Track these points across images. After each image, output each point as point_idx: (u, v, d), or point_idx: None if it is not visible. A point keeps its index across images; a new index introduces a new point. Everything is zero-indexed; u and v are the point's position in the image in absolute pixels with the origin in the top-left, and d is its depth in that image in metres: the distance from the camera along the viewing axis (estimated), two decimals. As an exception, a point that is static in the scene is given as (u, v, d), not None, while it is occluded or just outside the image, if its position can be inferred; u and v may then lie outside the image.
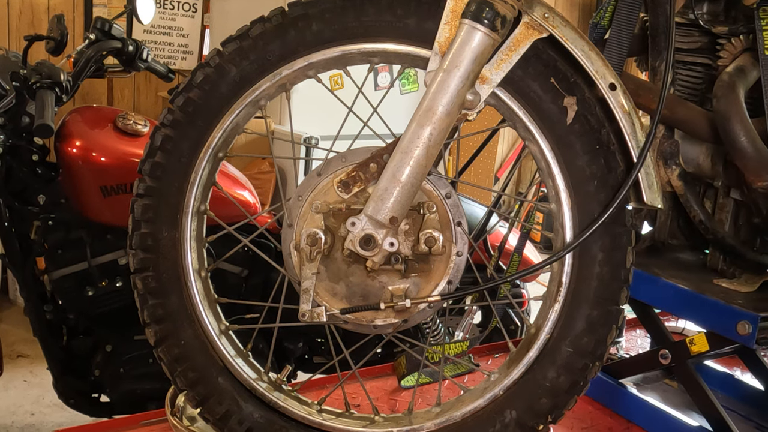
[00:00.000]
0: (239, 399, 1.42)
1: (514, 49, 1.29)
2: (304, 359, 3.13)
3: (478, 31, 1.23)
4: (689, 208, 1.76)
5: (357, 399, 1.75)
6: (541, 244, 6.48)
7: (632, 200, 1.36)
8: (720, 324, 1.61)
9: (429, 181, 1.36)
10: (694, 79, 1.79)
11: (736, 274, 1.76)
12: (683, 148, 1.77)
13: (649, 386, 2.03)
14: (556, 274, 1.39)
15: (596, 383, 1.60)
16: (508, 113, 1.36)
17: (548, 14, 1.28)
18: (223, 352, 1.41)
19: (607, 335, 1.38)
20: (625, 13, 1.64)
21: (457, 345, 1.98)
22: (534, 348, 1.39)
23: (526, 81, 1.33)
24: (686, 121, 1.70)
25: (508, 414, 1.40)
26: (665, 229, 1.88)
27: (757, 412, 1.95)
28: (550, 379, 1.39)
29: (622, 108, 1.31)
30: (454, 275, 1.38)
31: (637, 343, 2.42)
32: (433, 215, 1.36)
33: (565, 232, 1.36)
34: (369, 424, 1.45)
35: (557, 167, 1.35)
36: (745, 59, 1.65)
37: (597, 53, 1.30)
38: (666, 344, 1.84)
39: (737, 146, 1.55)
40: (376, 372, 1.98)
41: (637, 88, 1.67)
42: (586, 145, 1.34)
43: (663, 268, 1.79)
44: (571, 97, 1.33)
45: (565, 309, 1.38)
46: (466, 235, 1.38)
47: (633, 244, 1.37)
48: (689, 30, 1.75)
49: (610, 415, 1.87)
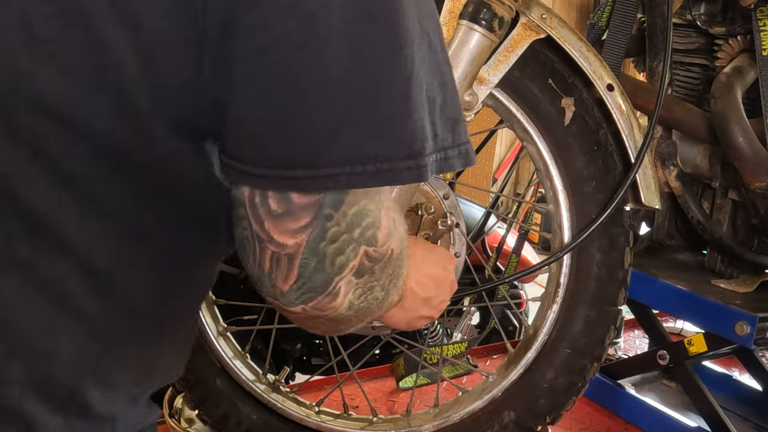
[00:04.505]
0: (237, 400, 1.42)
1: (512, 50, 1.29)
2: (303, 360, 3.12)
3: (476, 32, 1.23)
4: (687, 208, 1.76)
5: (355, 400, 1.75)
6: (539, 245, 6.48)
7: (630, 201, 1.37)
8: (718, 325, 1.61)
9: (427, 182, 1.36)
10: (691, 79, 1.79)
11: (734, 275, 1.76)
12: (681, 149, 1.77)
13: (648, 387, 2.03)
14: (554, 275, 1.39)
15: (594, 384, 1.59)
16: (506, 114, 1.36)
17: (546, 15, 1.28)
18: (222, 354, 1.41)
19: (605, 336, 1.38)
20: (623, 13, 1.64)
21: (456, 346, 1.97)
22: (532, 349, 1.39)
23: (523, 82, 1.33)
24: (684, 121, 1.69)
25: (507, 415, 1.40)
26: (663, 229, 1.88)
27: (755, 412, 1.95)
28: (548, 380, 1.39)
29: (620, 109, 1.31)
30: (452, 276, 1.38)
31: (635, 344, 2.42)
32: (431, 216, 1.36)
33: (563, 233, 1.36)
34: (367, 425, 1.45)
35: (555, 168, 1.35)
36: (743, 60, 1.65)
37: (595, 54, 1.30)
38: (664, 345, 1.83)
39: (735, 147, 1.55)
40: (374, 373, 1.98)
41: (635, 88, 1.67)
42: (584, 146, 1.34)
43: (661, 268, 1.79)
44: (569, 98, 1.33)
45: (563, 310, 1.38)
46: (464, 237, 1.38)
47: (631, 245, 1.38)
48: (687, 31, 1.75)
49: (608, 415, 1.87)
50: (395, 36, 0.64)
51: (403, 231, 0.77)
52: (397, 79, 0.65)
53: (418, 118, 0.66)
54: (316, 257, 0.67)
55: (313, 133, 0.64)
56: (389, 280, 0.76)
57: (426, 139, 0.67)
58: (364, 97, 0.64)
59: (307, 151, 0.64)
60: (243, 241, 0.70)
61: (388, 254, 0.73)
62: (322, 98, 0.63)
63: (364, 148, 0.64)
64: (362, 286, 0.73)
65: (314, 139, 0.64)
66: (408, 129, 0.66)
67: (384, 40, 0.64)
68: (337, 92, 0.63)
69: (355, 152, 0.64)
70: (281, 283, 0.69)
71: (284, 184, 0.65)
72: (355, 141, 0.64)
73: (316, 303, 0.70)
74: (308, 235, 0.67)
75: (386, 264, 0.73)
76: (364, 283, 0.72)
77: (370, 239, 0.70)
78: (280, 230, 0.67)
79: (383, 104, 0.65)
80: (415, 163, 0.66)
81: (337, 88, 0.63)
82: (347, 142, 0.64)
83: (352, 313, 0.74)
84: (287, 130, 0.64)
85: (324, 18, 0.62)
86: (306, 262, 0.67)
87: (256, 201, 0.66)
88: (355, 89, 0.64)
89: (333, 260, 0.68)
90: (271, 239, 0.67)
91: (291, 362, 3.03)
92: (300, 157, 0.64)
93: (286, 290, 0.69)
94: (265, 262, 0.69)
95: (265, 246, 0.68)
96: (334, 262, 0.68)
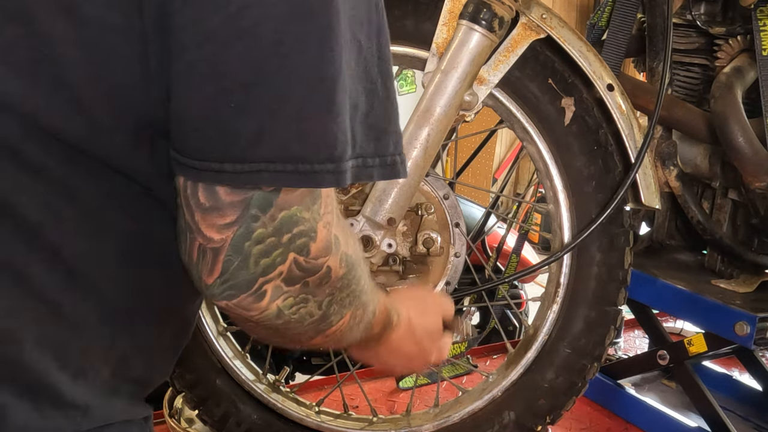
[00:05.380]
0: (237, 401, 1.41)
1: (512, 50, 1.29)
2: (303, 360, 3.12)
3: (476, 32, 1.23)
4: (687, 208, 1.76)
5: (355, 400, 1.75)
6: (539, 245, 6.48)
7: (630, 201, 1.37)
8: (718, 325, 1.61)
9: (427, 182, 1.36)
10: (691, 79, 1.79)
11: (734, 275, 1.76)
12: (681, 149, 1.77)
13: (648, 387, 2.03)
14: (554, 275, 1.39)
15: (594, 384, 1.59)
16: (506, 114, 1.36)
17: (546, 15, 1.28)
18: (222, 354, 1.41)
19: (605, 336, 1.38)
20: (623, 14, 1.64)
21: (456, 346, 1.97)
22: (532, 349, 1.39)
23: (523, 82, 1.33)
24: (684, 121, 1.70)
25: (507, 415, 1.40)
26: (663, 229, 1.88)
27: (755, 412, 1.95)
28: (548, 380, 1.39)
29: (620, 109, 1.31)
30: (452, 276, 1.38)
31: (635, 344, 2.42)
32: (432, 216, 1.36)
33: (563, 232, 1.36)
34: (367, 425, 1.45)
35: (555, 168, 1.35)
36: (743, 60, 1.65)
37: (595, 54, 1.30)
38: (664, 345, 1.84)
39: (735, 147, 1.55)
40: (374, 373, 1.98)
41: (635, 88, 1.67)
42: (584, 146, 1.34)
43: (661, 268, 1.79)
44: (569, 98, 1.33)
45: (563, 310, 1.38)
46: (464, 237, 1.38)
47: (631, 245, 1.37)
48: (687, 31, 1.75)
49: (608, 415, 1.87)
50: (324, 38, 0.65)
51: (354, 255, 0.77)
52: (323, 82, 0.66)
53: (341, 122, 0.67)
54: (240, 255, 0.68)
55: (240, 131, 0.65)
56: (329, 301, 0.75)
57: (347, 144, 0.68)
58: (288, 98, 0.65)
59: (236, 147, 0.65)
60: (179, 229, 0.71)
61: (323, 270, 0.73)
62: (246, 98, 0.64)
63: (288, 148, 0.65)
64: (293, 296, 0.72)
65: (241, 136, 0.65)
66: (330, 133, 0.67)
67: (312, 42, 0.65)
68: (261, 92, 0.64)
69: (278, 152, 0.65)
70: (206, 275, 0.70)
71: (213, 177, 0.66)
72: (279, 140, 0.65)
73: (239, 301, 0.71)
74: (233, 232, 0.68)
75: (323, 281, 0.73)
76: (296, 293, 0.72)
77: (301, 248, 0.70)
78: (208, 223, 0.68)
79: (307, 106, 0.66)
80: (335, 167, 0.67)
81: (262, 89, 0.64)
82: (272, 140, 0.65)
83: (282, 323, 0.73)
84: (216, 126, 0.65)
85: (251, 16, 0.63)
86: (230, 258, 0.68)
87: (188, 192, 0.68)
88: (279, 89, 0.64)
89: (257, 261, 0.69)
90: (199, 231, 0.68)
91: (291, 362, 3.03)
92: (230, 152, 0.65)
93: (210, 283, 0.70)
94: (194, 252, 0.70)
95: (194, 236, 0.69)
96: (258, 263, 0.69)
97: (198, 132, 0.66)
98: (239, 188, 0.66)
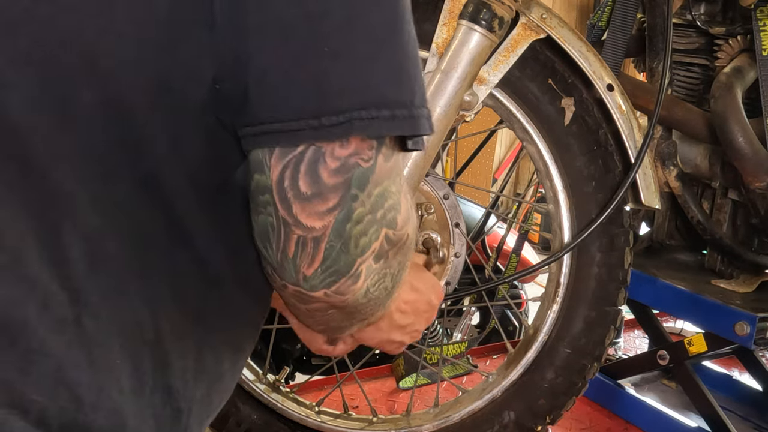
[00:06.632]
0: (237, 400, 1.41)
1: (512, 50, 1.29)
2: (302, 360, 3.12)
3: (476, 32, 1.23)
4: (687, 208, 1.76)
5: (355, 400, 1.75)
6: (539, 245, 6.49)
7: (630, 201, 1.37)
8: (718, 325, 1.61)
9: (427, 182, 1.36)
10: (691, 79, 1.79)
11: (734, 275, 1.76)
12: (681, 149, 1.77)
13: (648, 387, 2.03)
14: (554, 275, 1.39)
15: (594, 384, 1.60)
16: (506, 114, 1.36)
17: (546, 15, 1.28)
18: (221, 354, 1.41)
19: (605, 336, 1.38)
20: (623, 14, 1.64)
21: (456, 346, 1.97)
22: (532, 349, 1.39)
23: (523, 82, 1.33)
24: (684, 121, 1.70)
25: (507, 415, 1.40)
26: (663, 229, 1.88)
27: (755, 412, 1.95)
28: (548, 380, 1.39)
29: (620, 109, 1.31)
30: (452, 276, 1.38)
31: (635, 344, 2.42)
32: (431, 216, 1.36)
33: (563, 232, 1.36)
34: (367, 425, 1.45)
35: (555, 168, 1.35)
36: (743, 60, 1.65)
37: (594, 54, 1.30)
38: (664, 345, 1.84)
39: (735, 147, 1.55)
40: (374, 373, 1.98)
41: (635, 89, 1.67)
42: (584, 146, 1.34)
43: (661, 268, 1.79)
44: (569, 98, 1.33)
45: (563, 310, 1.38)
46: (464, 237, 1.38)
47: (631, 245, 1.38)
48: (687, 31, 1.75)
49: (608, 415, 1.87)
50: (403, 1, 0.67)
51: (416, 219, 0.77)
52: (408, 25, 0.68)
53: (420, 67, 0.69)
54: (341, 239, 0.67)
55: (333, 78, 0.64)
56: (398, 270, 0.76)
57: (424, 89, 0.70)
58: (383, 42, 0.66)
59: (332, 96, 0.64)
60: (265, 228, 0.69)
61: (404, 239, 0.73)
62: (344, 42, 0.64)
63: (384, 94, 0.65)
64: (378, 272, 0.72)
65: (335, 84, 0.64)
66: (419, 77, 0.68)
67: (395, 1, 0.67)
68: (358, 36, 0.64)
69: (376, 98, 0.65)
70: (306, 267, 0.69)
71: (311, 135, 0.64)
72: (375, 85, 0.65)
73: (339, 286, 0.70)
74: (335, 216, 0.66)
75: (399, 250, 0.73)
76: (380, 269, 0.72)
77: (391, 222, 0.70)
78: (308, 212, 0.66)
79: (397, 51, 0.67)
80: (428, 112, 0.68)
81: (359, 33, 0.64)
82: (369, 86, 0.65)
83: (366, 302, 0.73)
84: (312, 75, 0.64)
85: None
86: (332, 244, 0.67)
87: (285, 185, 0.66)
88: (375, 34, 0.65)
89: (357, 242, 0.68)
90: (298, 223, 0.67)
91: (291, 362, 3.03)
92: (326, 103, 0.64)
93: (310, 274, 0.69)
94: (290, 247, 0.68)
95: (291, 230, 0.67)
96: (358, 244, 0.68)
97: (291, 85, 0.64)
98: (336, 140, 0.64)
